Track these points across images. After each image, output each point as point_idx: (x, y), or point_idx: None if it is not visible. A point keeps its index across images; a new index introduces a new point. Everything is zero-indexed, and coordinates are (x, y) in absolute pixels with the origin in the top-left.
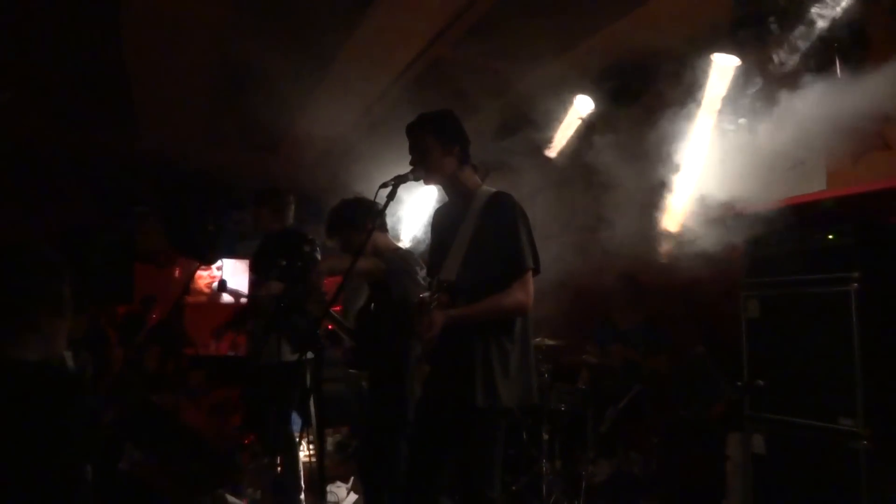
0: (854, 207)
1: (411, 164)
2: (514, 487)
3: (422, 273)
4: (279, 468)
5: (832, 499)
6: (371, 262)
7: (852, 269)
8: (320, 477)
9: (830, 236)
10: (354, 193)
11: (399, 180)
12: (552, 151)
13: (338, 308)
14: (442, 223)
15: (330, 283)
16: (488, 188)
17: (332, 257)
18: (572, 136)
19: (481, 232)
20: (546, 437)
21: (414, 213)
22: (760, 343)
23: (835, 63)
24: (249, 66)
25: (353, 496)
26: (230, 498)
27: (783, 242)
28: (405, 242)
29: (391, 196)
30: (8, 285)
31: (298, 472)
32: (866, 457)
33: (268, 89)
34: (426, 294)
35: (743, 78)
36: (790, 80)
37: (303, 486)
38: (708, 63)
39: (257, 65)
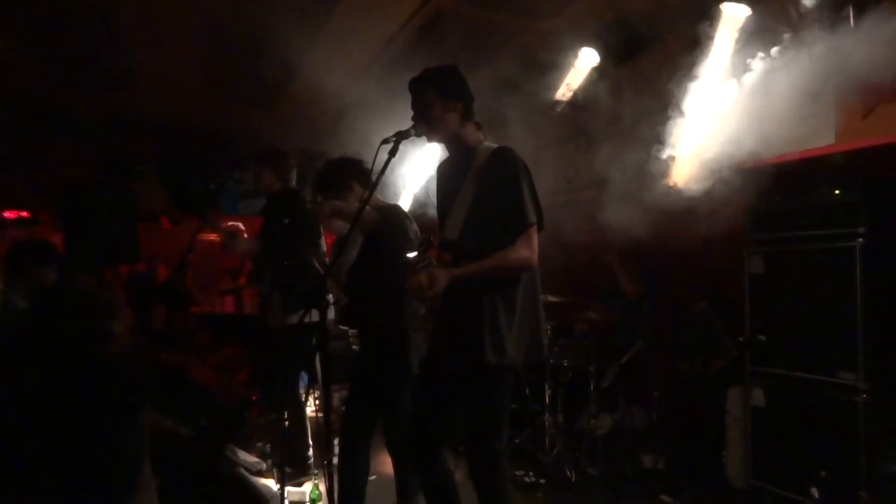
0: (863, 162)
1: (413, 119)
2: (517, 440)
3: (413, 227)
4: (286, 423)
5: (830, 451)
6: (373, 213)
7: (858, 225)
8: (326, 431)
9: (837, 191)
10: (352, 152)
11: (400, 136)
12: (556, 106)
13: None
14: (445, 181)
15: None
16: (490, 144)
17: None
18: (577, 91)
19: (483, 189)
20: (549, 391)
21: (417, 168)
22: (763, 298)
23: (847, 13)
24: (247, 19)
25: None
26: (240, 452)
27: (789, 197)
28: (403, 199)
29: (393, 152)
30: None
31: (306, 428)
32: (865, 410)
33: (266, 42)
34: (413, 255)
35: (753, 28)
36: (801, 31)
37: (310, 442)
38: (717, 13)
39: (255, 17)
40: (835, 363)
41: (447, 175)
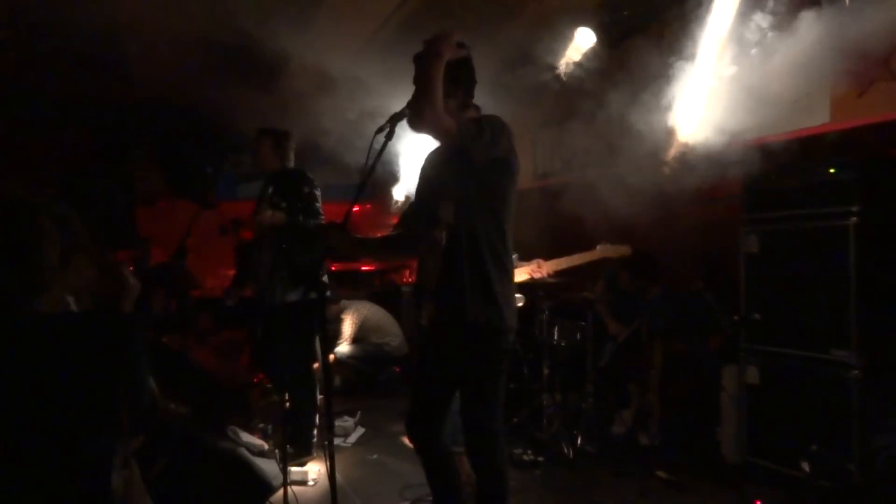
0: (858, 140)
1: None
2: (515, 420)
3: None
4: (288, 403)
5: (823, 426)
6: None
7: (853, 203)
8: (328, 411)
9: (832, 170)
10: (348, 133)
11: (395, 119)
12: (552, 85)
13: None
14: (433, 163)
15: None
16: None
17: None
18: (573, 70)
19: None
20: (546, 371)
21: (414, 149)
22: (759, 277)
23: None
24: None
25: (360, 429)
26: (242, 432)
27: (784, 177)
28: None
29: (389, 136)
30: (16, 241)
31: (313, 407)
32: (857, 386)
33: (262, 20)
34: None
35: (749, 7)
36: (796, 8)
37: (317, 422)
38: None
39: None
40: (828, 340)
41: (433, 163)
